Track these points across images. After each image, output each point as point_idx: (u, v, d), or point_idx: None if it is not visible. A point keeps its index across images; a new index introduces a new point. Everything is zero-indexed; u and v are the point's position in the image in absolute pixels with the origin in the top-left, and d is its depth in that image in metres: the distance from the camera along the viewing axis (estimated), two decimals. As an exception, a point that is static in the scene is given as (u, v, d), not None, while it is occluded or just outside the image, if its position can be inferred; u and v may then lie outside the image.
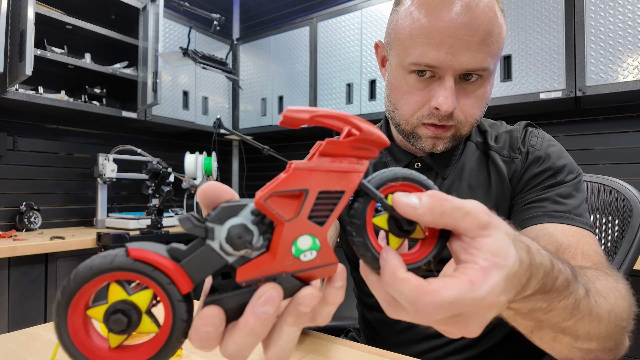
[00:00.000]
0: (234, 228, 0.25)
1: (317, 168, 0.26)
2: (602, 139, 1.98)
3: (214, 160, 2.70)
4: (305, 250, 0.26)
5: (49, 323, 0.77)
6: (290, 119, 0.26)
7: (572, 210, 0.64)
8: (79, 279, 0.23)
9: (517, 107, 1.95)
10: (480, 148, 0.76)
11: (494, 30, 0.61)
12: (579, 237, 0.61)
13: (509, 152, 0.73)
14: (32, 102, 1.94)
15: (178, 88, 2.63)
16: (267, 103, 2.82)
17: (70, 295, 0.24)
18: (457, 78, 0.63)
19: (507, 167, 0.72)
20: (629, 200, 0.85)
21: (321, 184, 0.26)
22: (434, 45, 0.60)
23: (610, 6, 1.69)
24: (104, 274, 0.24)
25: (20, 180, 2.16)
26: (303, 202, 0.26)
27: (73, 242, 1.82)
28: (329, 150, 0.26)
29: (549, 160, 0.70)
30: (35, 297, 1.72)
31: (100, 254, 0.24)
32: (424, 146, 0.69)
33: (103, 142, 2.52)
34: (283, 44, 2.75)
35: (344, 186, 0.27)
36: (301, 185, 0.26)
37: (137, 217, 2.24)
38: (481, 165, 0.74)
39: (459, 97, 0.64)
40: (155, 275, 0.24)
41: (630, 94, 1.71)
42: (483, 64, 0.61)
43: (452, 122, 0.65)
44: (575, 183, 0.68)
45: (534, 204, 0.67)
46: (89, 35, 2.28)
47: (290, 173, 0.26)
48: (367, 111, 2.34)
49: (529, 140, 0.73)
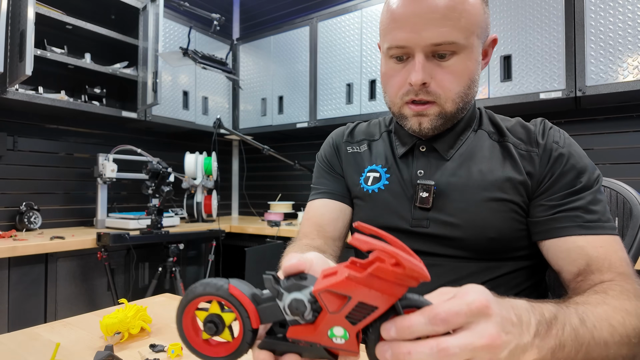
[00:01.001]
0: (295, 300, 0.35)
1: (364, 283, 0.33)
2: (602, 139, 1.98)
3: (214, 160, 2.70)
4: (337, 336, 0.35)
5: (49, 323, 0.77)
6: (357, 244, 0.34)
7: (602, 218, 0.66)
8: (196, 294, 0.37)
9: (517, 107, 1.95)
10: (494, 138, 0.77)
11: (457, 6, 0.65)
12: (607, 247, 0.64)
13: (526, 145, 0.73)
14: (32, 102, 1.94)
15: (178, 88, 2.63)
16: (267, 103, 2.82)
17: (188, 301, 0.37)
18: (430, 56, 0.68)
19: (525, 161, 0.72)
20: (628, 201, 0.85)
21: (362, 297, 0.33)
22: (400, 28, 0.68)
23: (610, 6, 1.69)
24: (210, 296, 0.37)
25: (20, 180, 2.16)
26: (345, 304, 0.34)
27: (73, 242, 1.82)
28: (378, 273, 0.33)
29: (572, 158, 0.70)
30: (35, 297, 1.72)
31: (211, 281, 0.37)
32: (410, 125, 0.73)
33: (103, 142, 2.52)
34: (283, 44, 2.75)
35: (379, 303, 0.34)
36: (347, 292, 0.33)
37: (137, 217, 2.24)
38: (495, 154, 0.75)
39: (435, 74, 0.68)
40: (240, 309, 0.36)
41: (630, 94, 1.71)
42: (448, 37, 0.65)
43: (430, 97, 0.69)
44: (599, 185, 0.69)
45: (564, 212, 0.67)
46: (89, 35, 2.28)
47: (343, 280, 0.33)
48: (367, 111, 2.34)
49: (552, 136, 0.72)
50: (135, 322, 0.70)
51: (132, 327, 0.70)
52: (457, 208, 0.72)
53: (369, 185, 0.81)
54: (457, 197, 0.73)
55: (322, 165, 0.92)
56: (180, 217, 2.67)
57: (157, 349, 0.65)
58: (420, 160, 0.78)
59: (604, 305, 0.51)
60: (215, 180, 2.74)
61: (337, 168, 0.89)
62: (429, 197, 0.73)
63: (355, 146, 0.88)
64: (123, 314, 0.69)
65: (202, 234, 2.31)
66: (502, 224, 0.70)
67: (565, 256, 0.66)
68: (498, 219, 0.70)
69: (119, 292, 2.00)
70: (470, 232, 0.71)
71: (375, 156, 0.84)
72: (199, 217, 2.72)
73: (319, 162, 0.93)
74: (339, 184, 0.88)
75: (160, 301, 0.94)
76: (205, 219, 2.75)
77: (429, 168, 0.76)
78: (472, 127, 0.78)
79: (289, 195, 3.05)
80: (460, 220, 0.71)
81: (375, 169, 0.82)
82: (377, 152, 0.84)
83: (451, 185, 0.74)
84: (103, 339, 0.69)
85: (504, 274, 0.72)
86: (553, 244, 0.68)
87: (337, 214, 0.85)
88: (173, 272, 2.05)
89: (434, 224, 0.73)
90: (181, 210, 2.70)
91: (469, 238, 0.71)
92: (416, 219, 0.75)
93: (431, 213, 0.74)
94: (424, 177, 0.76)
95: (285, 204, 2.83)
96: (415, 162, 0.78)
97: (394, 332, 0.34)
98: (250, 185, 3.32)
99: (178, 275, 2.06)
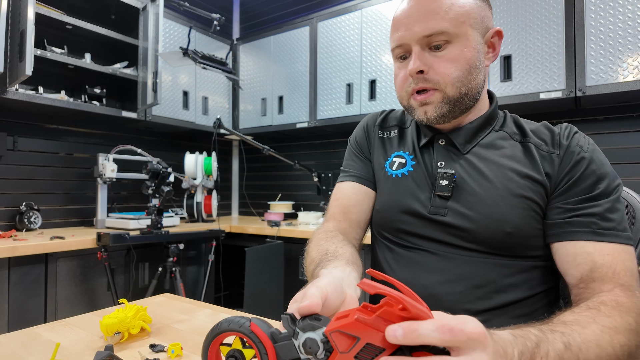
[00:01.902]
0: (309, 340, 0.38)
1: (372, 326, 0.36)
2: (602, 139, 1.98)
3: (214, 160, 2.70)
4: None
5: (49, 323, 0.77)
6: (365, 288, 0.37)
7: (617, 227, 0.67)
8: (220, 329, 0.42)
9: (517, 107, 1.95)
10: (516, 138, 0.78)
11: (445, 2, 0.72)
12: (614, 256, 0.65)
13: (548, 147, 0.74)
14: (32, 102, 1.94)
15: (178, 88, 2.63)
16: (267, 103, 2.82)
17: (214, 336, 0.43)
18: (427, 48, 0.73)
19: (545, 162, 0.73)
20: (632, 206, 0.85)
21: (370, 338, 0.36)
22: (397, 29, 0.76)
23: (610, 6, 1.69)
24: (234, 332, 0.42)
25: (20, 180, 2.16)
26: (354, 345, 0.36)
27: (73, 242, 1.82)
28: (385, 316, 0.36)
29: (593, 164, 0.70)
30: (35, 297, 1.72)
31: (235, 318, 0.42)
32: (417, 115, 0.77)
33: (103, 142, 2.52)
34: (283, 44, 2.75)
35: (386, 345, 0.36)
36: (356, 333, 0.36)
37: (137, 217, 2.24)
38: (515, 152, 0.76)
39: (432, 63, 0.73)
40: (259, 345, 0.40)
41: (630, 94, 1.71)
42: (437, 27, 0.71)
43: (430, 84, 0.73)
44: (618, 194, 0.70)
45: (580, 217, 0.68)
46: (89, 35, 2.28)
47: (352, 322, 0.36)
48: (367, 111, 2.34)
49: (577, 140, 0.73)
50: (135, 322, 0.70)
51: (132, 327, 0.70)
52: (475, 201, 0.74)
53: (394, 169, 0.84)
54: (476, 190, 0.74)
55: (353, 148, 0.95)
56: (180, 217, 2.67)
57: (157, 349, 0.65)
58: (440, 152, 0.80)
59: (593, 325, 0.52)
60: (215, 180, 2.74)
61: (366, 152, 0.92)
62: (448, 185, 0.75)
63: (387, 131, 0.91)
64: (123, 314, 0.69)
65: (202, 234, 2.31)
66: (519, 220, 0.71)
67: (571, 260, 0.67)
68: (515, 214, 0.71)
69: (119, 292, 2.00)
70: (487, 225, 0.72)
71: (404, 142, 0.87)
72: (199, 217, 2.72)
73: (350, 145, 0.96)
74: (367, 168, 0.91)
75: (160, 301, 0.94)
76: (205, 219, 2.75)
77: (449, 160, 0.79)
78: (493, 126, 0.80)
79: (289, 195, 3.05)
80: (477, 212, 0.73)
81: (402, 155, 0.85)
82: (406, 139, 0.87)
83: (471, 177, 0.76)
84: (103, 339, 0.69)
85: (518, 272, 0.72)
86: (562, 246, 0.68)
87: (362, 197, 0.88)
88: (173, 272, 2.05)
89: (452, 214, 0.75)
90: (181, 210, 2.70)
91: (485, 231, 0.72)
92: (435, 206, 0.77)
93: (450, 202, 0.75)
94: (445, 167, 0.78)
95: (285, 204, 2.83)
96: (436, 153, 0.80)
97: (401, 333, 0.35)
98: (250, 185, 3.32)
99: (178, 275, 2.06)
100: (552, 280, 0.76)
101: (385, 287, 0.36)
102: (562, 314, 0.55)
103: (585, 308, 0.57)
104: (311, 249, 0.76)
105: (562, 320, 0.53)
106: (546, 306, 0.75)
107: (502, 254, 0.72)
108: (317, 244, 0.76)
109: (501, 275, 0.72)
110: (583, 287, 0.65)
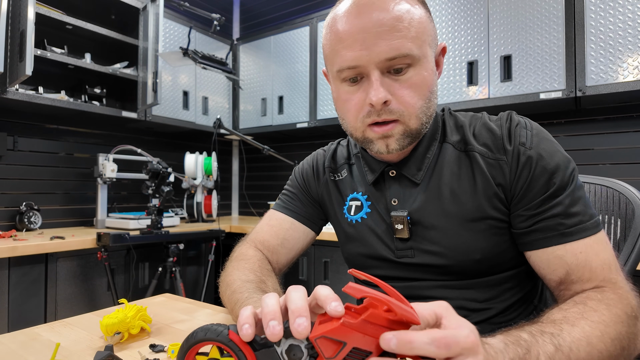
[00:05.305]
0: (293, 346, 0.36)
1: (358, 329, 0.35)
2: (602, 139, 1.98)
3: (214, 160, 2.70)
4: None
5: (49, 323, 0.77)
6: (351, 292, 0.36)
7: (583, 218, 0.63)
8: (196, 339, 0.38)
9: (517, 107, 1.95)
10: (459, 147, 0.72)
11: (404, 15, 0.62)
12: (587, 252, 0.62)
13: (493, 153, 0.69)
14: (32, 102, 1.94)
15: (178, 88, 2.63)
16: (267, 103, 2.82)
17: (189, 346, 0.39)
18: (386, 72, 0.64)
19: (494, 171, 0.68)
20: (631, 202, 0.85)
21: (356, 342, 0.35)
22: (349, 47, 0.64)
23: (610, 6, 1.69)
24: (211, 341, 0.38)
25: (20, 180, 2.16)
26: (340, 350, 0.35)
27: (73, 242, 1.82)
28: (371, 319, 0.35)
29: (541, 159, 0.65)
30: (35, 297, 1.72)
31: (212, 326, 0.38)
32: (378, 148, 0.68)
33: (103, 142, 2.52)
34: (283, 44, 2.75)
35: (373, 348, 0.35)
36: (342, 338, 0.35)
37: (137, 217, 2.24)
38: (463, 167, 0.71)
39: (394, 90, 0.64)
40: (239, 354, 0.37)
41: (630, 94, 1.71)
42: (402, 50, 0.62)
43: (393, 115, 0.65)
44: (575, 180, 0.65)
45: (543, 222, 0.64)
46: (89, 35, 2.28)
47: (338, 327, 0.35)
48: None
49: (518, 137, 0.67)
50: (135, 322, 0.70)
51: (132, 327, 0.69)
52: (436, 235, 0.71)
53: (352, 215, 0.80)
54: (435, 223, 0.71)
55: (299, 184, 0.92)
56: (180, 217, 2.67)
57: (157, 349, 0.65)
58: (393, 186, 0.75)
59: (581, 321, 0.52)
60: (215, 180, 2.74)
61: (314, 194, 0.89)
62: (404, 228, 0.72)
63: (337, 173, 0.86)
64: (123, 314, 0.69)
65: (202, 234, 2.31)
66: (485, 243, 0.68)
67: (545, 266, 0.65)
68: (479, 239, 0.68)
69: (119, 292, 2.00)
70: (455, 258, 0.69)
71: (355, 181, 0.82)
72: (199, 217, 2.72)
73: (296, 179, 0.93)
74: (310, 209, 0.89)
75: (160, 301, 0.94)
76: (205, 219, 2.75)
77: (402, 195, 0.74)
78: (437, 139, 0.75)
79: (289, 195, 3.04)
80: (442, 247, 0.70)
81: (357, 197, 0.80)
82: (356, 177, 0.82)
83: (426, 212, 0.72)
84: (103, 339, 0.68)
85: (495, 285, 0.71)
86: (534, 254, 0.66)
87: (299, 235, 0.88)
88: (173, 272, 2.05)
89: (419, 253, 0.72)
90: (181, 210, 2.70)
91: (455, 264, 0.70)
92: (400, 250, 0.74)
93: (412, 243, 0.73)
94: (398, 206, 0.74)
95: (285, 204, 2.83)
96: (388, 189, 0.76)
97: (395, 343, 0.34)
98: (250, 185, 3.32)
99: (178, 275, 2.06)
100: (532, 280, 0.75)
101: (370, 289, 0.35)
102: (551, 312, 0.55)
103: (572, 304, 0.56)
104: (238, 276, 0.75)
105: (551, 319, 0.52)
106: (529, 306, 0.75)
107: (477, 276, 0.71)
108: (250, 270, 0.78)
109: (478, 293, 0.71)
110: (564, 288, 0.64)
